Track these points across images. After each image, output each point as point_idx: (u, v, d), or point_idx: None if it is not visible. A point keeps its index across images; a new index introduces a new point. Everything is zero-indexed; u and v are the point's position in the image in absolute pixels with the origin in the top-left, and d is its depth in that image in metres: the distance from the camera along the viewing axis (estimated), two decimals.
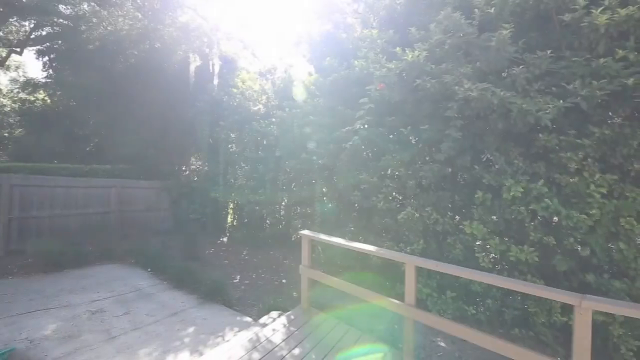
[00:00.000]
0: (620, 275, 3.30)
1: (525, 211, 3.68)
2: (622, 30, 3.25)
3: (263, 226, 8.33)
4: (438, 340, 4.09)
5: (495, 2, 3.79)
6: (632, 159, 3.22)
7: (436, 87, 3.81)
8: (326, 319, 3.62)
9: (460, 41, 3.97)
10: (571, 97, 3.20)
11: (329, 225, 6.66)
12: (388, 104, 4.54)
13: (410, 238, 4.84)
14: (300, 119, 6.27)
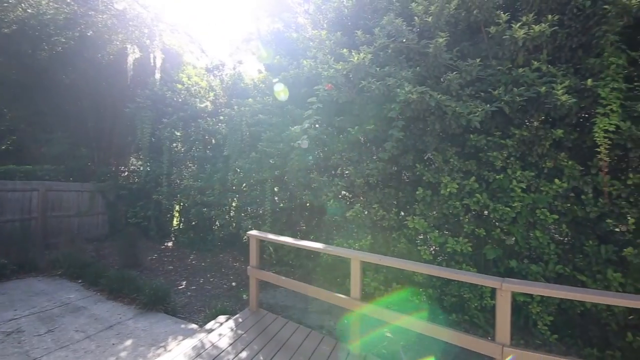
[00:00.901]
0: (536, 259, 3.74)
1: (460, 206, 4.01)
2: (536, 44, 3.69)
3: (212, 228, 8.00)
4: (385, 331, 4.27)
5: (432, 11, 4.06)
6: (545, 157, 3.67)
7: (380, 89, 3.98)
8: (276, 319, 3.58)
9: (402, 46, 4.19)
10: (496, 102, 3.56)
11: (281, 225, 6.60)
12: (336, 104, 4.63)
13: (359, 234, 5.00)
14: (250, 117, 6.13)
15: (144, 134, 8.09)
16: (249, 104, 6.42)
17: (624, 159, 3.37)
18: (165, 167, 7.84)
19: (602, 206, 3.45)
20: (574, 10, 3.63)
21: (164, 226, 8.62)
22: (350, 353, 2.85)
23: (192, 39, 13.40)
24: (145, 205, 8.25)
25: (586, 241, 3.59)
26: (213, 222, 7.91)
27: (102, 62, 8.90)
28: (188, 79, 8.31)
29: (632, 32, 3.50)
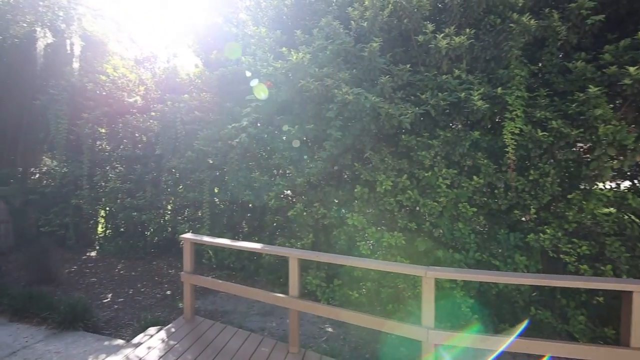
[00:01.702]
0: (459, 248, 4.14)
1: (394, 202, 4.25)
2: (457, 54, 4.07)
3: (144, 234, 7.35)
4: (326, 326, 4.35)
5: (367, 17, 4.25)
6: (466, 156, 4.07)
7: (319, 89, 4.04)
8: (213, 325, 3.42)
9: (340, 48, 4.31)
10: (424, 105, 3.85)
11: (221, 227, 6.34)
12: (276, 102, 4.59)
13: (301, 233, 5.02)
14: (185, 114, 5.78)
15: (60, 131, 7.11)
16: (184, 100, 6.05)
17: (527, 157, 3.88)
18: (87, 168, 6.99)
19: (510, 199, 3.94)
20: (487, 26, 4.10)
21: (85, 234, 7.68)
22: (290, 352, 2.84)
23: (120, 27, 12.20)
24: (61, 211, 7.25)
25: (499, 230, 4.08)
26: (145, 227, 7.28)
27: (4, 45, 7.64)
28: (114, 70, 7.53)
29: (533, 49, 4.07)
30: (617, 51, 3.45)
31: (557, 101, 3.73)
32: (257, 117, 4.50)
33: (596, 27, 3.82)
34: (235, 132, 4.68)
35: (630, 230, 3.58)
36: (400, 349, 3.84)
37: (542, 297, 4.07)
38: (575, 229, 3.67)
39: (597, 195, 3.60)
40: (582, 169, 3.65)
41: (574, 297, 3.84)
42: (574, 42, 3.91)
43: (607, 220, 3.56)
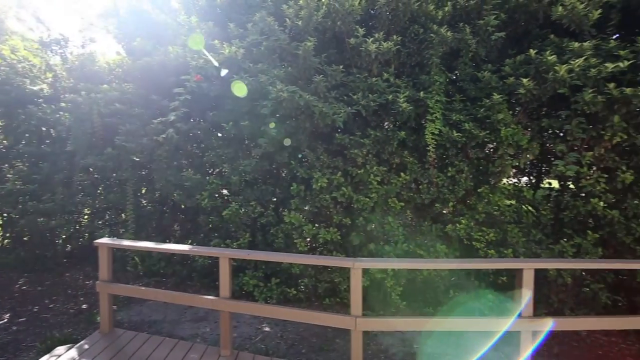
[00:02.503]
0: (389, 241, 4.41)
1: (330, 199, 4.37)
2: (386, 58, 4.33)
3: (54, 242, 6.43)
4: (263, 326, 4.29)
5: (302, 16, 4.28)
6: (394, 155, 4.35)
7: (253, 85, 3.96)
8: (135, 336, 3.13)
9: (275, 45, 4.27)
10: (356, 105, 4.02)
11: (150, 231, 5.86)
12: (208, 97, 4.38)
13: (238, 233, 4.87)
14: (104, 106, 5.19)
15: None
16: (103, 90, 5.42)
17: (446, 156, 4.30)
18: None
19: (433, 194, 4.32)
20: (412, 35, 4.43)
21: None
22: (221, 355, 2.74)
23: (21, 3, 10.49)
24: None
25: (423, 222, 4.45)
26: (55, 235, 6.38)
27: None
28: (12, 52, 6.42)
29: (450, 58, 4.51)
30: (515, 65, 4.00)
31: (469, 106, 4.19)
32: (186, 111, 4.23)
33: (499, 43, 4.38)
34: (162, 127, 4.35)
35: (526, 219, 4.19)
36: (336, 341, 3.96)
37: (460, 281, 4.54)
38: (484, 219, 4.17)
39: (501, 189, 4.14)
40: (489, 166, 4.17)
41: (484, 279, 4.37)
42: (482, 54, 4.43)
43: (509, 210, 4.12)
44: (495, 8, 4.28)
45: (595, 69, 3.39)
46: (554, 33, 4.04)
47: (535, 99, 3.83)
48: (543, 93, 3.70)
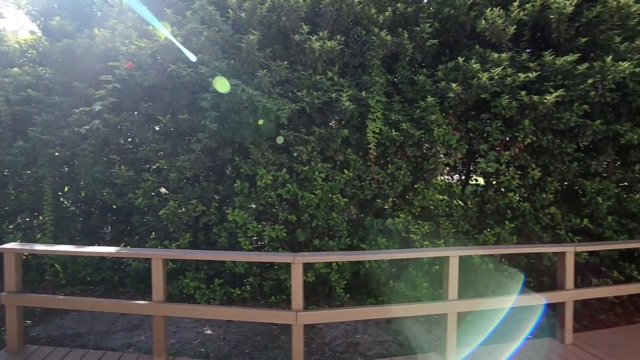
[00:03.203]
0: (334, 236, 4.52)
1: (275, 195, 4.33)
2: (330, 57, 4.40)
3: None
4: (205, 329, 4.11)
5: (245, 8, 4.16)
6: (338, 152, 4.45)
7: (192, 76, 3.76)
8: (52, 352, 2.78)
9: (217, 36, 4.10)
10: (300, 102, 4.03)
11: (74, 234, 5.25)
12: (142, 87, 4.05)
13: (178, 233, 4.60)
14: (14, 92, 4.50)
15: None
16: (13, 74, 4.70)
17: (386, 153, 4.52)
18: None
19: (374, 190, 4.52)
20: (355, 36, 4.56)
21: None
22: None
23: None
24: None
25: (366, 217, 4.63)
26: None
27: None
28: None
29: (390, 61, 4.74)
30: (446, 70, 4.34)
31: (407, 107, 4.46)
32: (116, 102, 3.86)
33: (434, 50, 4.72)
34: (87, 118, 3.92)
35: (456, 212, 4.58)
36: (281, 337, 3.95)
37: (399, 272, 4.82)
38: (420, 213, 4.48)
39: (434, 185, 4.47)
40: (424, 164, 4.48)
41: (420, 269, 4.69)
42: (419, 59, 4.74)
43: (441, 204, 4.47)
44: (430, 17, 4.61)
45: (510, 78, 3.83)
46: (479, 44, 4.47)
47: (463, 103, 4.20)
48: (469, 97, 4.08)
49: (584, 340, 3.06)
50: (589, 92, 3.78)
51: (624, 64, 3.52)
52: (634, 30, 3.85)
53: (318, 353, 3.63)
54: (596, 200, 4.18)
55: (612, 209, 4.28)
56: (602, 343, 3.01)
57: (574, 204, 4.53)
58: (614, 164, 4.48)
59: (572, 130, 4.17)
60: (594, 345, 2.97)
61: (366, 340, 3.91)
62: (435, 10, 4.68)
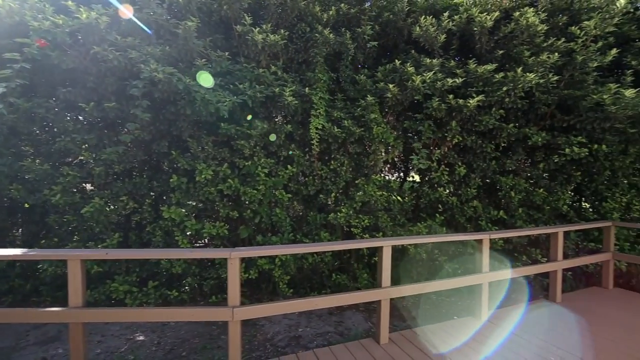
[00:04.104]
0: (277, 232, 4.50)
1: (215, 191, 4.17)
2: (274, 51, 4.36)
3: None
4: (137, 335, 3.83)
5: None
6: (282, 147, 4.44)
7: (121, 60, 3.44)
8: None
9: (150, 19, 3.80)
10: (242, 95, 3.93)
11: None
12: (59, 69, 3.61)
13: (106, 233, 4.20)
14: None
15: None
16: None
17: (329, 150, 4.62)
18: None
19: (318, 185, 4.59)
20: (299, 32, 4.58)
21: None
22: None
23: None
24: None
25: (309, 213, 4.69)
26: None
27: None
28: None
29: (333, 59, 4.84)
30: (385, 72, 4.57)
31: (349, 105, 4.60)
32: (26, 84, 3.37)
33: (375, 51, 4.94)
34: None
35: (393, 206, 4.86)
36: (221, 337, 3.83)
37: (342, 265, 4.98)
38: (361, 207, 4.66)
39: (374, 181, 4.68)
40: (365, 160, 4.67)
41: (361, 261, 4.90)
42: (361, 60, 4.92)
43: (380, 199, 4.71)
44: (371, 19, 4.81)
45: (440, 82, 4.16)
46: (415, 49, 4.78)
47: (400, 103, 4.47)
48: (405, 98, 4.35)
49: (498, 317, 3.48)
50: (504, 99, 4.28)
51: (531, 75, 4.04)
52: (539, 46, 4.44)
53: (259, 349, 3.60)
54: (510, 195, 4.76)
55: (522, 202, 4.91)
56: (512, 319, 3.45)
57: (493, 197, 5.10)
58: (524, 163, 5.13)
59: (491, 132, 4.69)
60: (506, 321, 3.39)
61: (308, 333, 3.97)
62: (376, 14, 4.90)
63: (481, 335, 3.07)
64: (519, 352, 2.78)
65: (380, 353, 2.70)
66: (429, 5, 4.85)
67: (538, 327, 3.25)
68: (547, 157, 4.85)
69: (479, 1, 4.57)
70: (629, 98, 4.12)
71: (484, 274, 3.32)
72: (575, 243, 4.96)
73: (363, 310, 4.60)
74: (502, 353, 2.77)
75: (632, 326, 3.30)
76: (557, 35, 4.51)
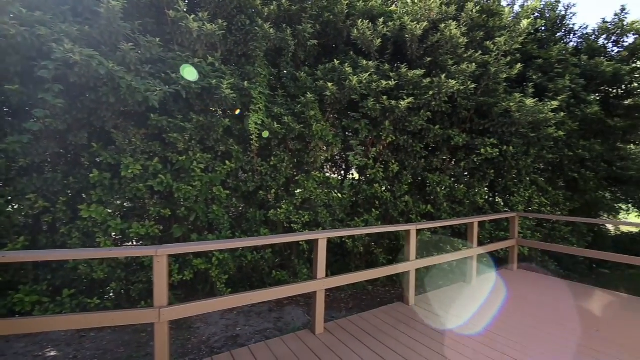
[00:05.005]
0: (214, 230, 4.34)
1: (145, 188, 3.86)
2: (212, 42, 4.19)
3: None
4: (48, 350, 3.39)
5: None
6: (220, 142, 4.28)
7: (26, 36, 3.00)
8: None
9: None
10: (175, 85, 3.70)
11: None
12: None
13: (7, 237, 3.63)
14: None
15: None
16: None
17: (269, 146, 4.58)
18: None
19: (257, 182, 4.53)
20: (239, 24, 4.46)
21: None
22: None
23: None
24: None
25: (249, 209, 4.61)
26: None
27: None
28: None
29: (274, 55, 4.82)
30: (325, 71, 4.69)
31: (289, 101, 4.62)
32: None
33: (316, 50, 5.03)
34: None
35: (331, 202, 5.00)
36: (150, 344, 3.57)
37: (283, 262, 4.98)
38: (301, 203, 4.72)
39: (314, 178, 4.77)
40: (305, 157, 4.73)
41: (302, 257, 4.95)
42: (302, 57, 4.98)
43: (320, 195, 4.81)
44: (312, 18, 4.89)
45: (375, 84, 4.40)
46: (354, 51, 4.99)
47: (338, 102, 4.62)
48: (343, 97, 4.52)
49: (423, 301, 3.81)
50: (430, 102, 4.69)
51: (453, 82, 4.49)
52: (461, 56, 4.95)
53: (193, 352, 3.44)
54: (436, 190, 5.22)
55: (447, 196, 5.42)
56: (437, 300, 3.80)
57: (422, 193, 5.55)
58: (448, 162, 5.67)
59: (420, 132, 5.10)
60: (429, 304, 3.73)
61: (246, 331, 3.90)
62: (317, 13, 4.99)
63: (408, 319, 3.33)
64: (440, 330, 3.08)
65: (316, 342, 2.77)
66: (367, 10, 5.09)
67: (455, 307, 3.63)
68: (467, 157, 5.43)
69: (411, 10, 4.93)
70: (529, 106, 4.81)
71: (411, 262, 3.60)
72: (490, 233, 5.63)
73: (303, 305, 4.66)
74: (424, 332, 3.05)
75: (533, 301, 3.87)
76: (475, 48, 5.07)
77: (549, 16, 6.79)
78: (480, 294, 4.10)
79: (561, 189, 6.47)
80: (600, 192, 7.15)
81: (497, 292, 4.18)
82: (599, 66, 5.95)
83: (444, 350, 2.73)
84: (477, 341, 2.89)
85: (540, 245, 5.21)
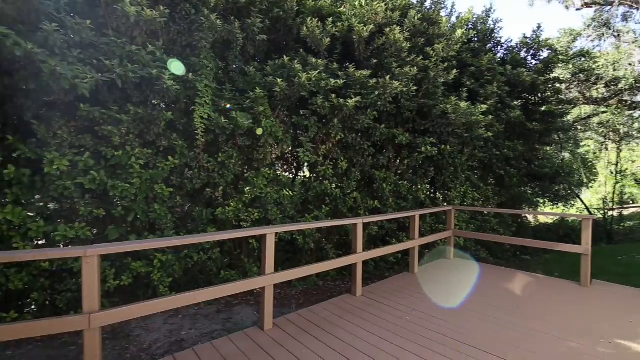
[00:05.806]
0: (156, 230, 4.08)
1: (73, 186, 3.50)
2: (153, 29, 3.93)
3: None
4: None
5: None
6: (162, 137, 4.04)
7: None
8: None
9: None
10: (109, 73, 3.40)
11: None
12: None
13: None
14: None
15: None
16: None
17: (216, 141, 4.43)
18: None
19: (204, 179, 4.35)
20: (183, 12, 4.23)
21: None
22: None
23: None
24: None
25: (195, 208, 4.41)
26: None
27: None
28: None
29: (222, 47, 4.67)
30: (275, 67, 4.66)
31: (238, 96, 4.51)
32: None
33: (266, 46, 4.98)
34: None
35: (284, 200, 4.99)
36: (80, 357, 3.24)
37: (233, 261, 4.85)
38: (250, 201, 4.63)
39: (264, 175, 4.72)
40: (254, 154, 4.66)
41: (251, 255, 4.86)
42: (251, 52, 4.88)
43: (271, 193, 4.77)
44: (262, 13, 4.82)
45: (324, 82, 4.49)
46: (303, 48, 5.02)
47: (288, 98, 4.63)
48: (292, 94, 4.53)
49: (369, 291, 3.98)
50: (376, 102, 4.91)
51: (397, 84, 4.75)
52: (404, 60, 5.25)
53: None
54: (382, 186, 5.48)
55: (392, 192, 5.72)
56: (382, 290, 4.00)
57: (369, 189, 5.79)
58: (394, 159, 5.99)
59: (368, 131, 5.31)
60: (375, 294, 3.91)
61: (192, 335, 3.73)
62: (267, 8, 4.93)
63: (355, 308, 3.46)
64: (384, 317, 3.25)
65: (264, 339, 2.75)
66: (317, 9, 5.16)
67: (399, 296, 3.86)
68: (410, 155, 5.78)
69: (359, 13, 5.11)
70: (464, 109, 5.27)
71: (358, 255, 3.75)
72: (431, 226, 6.07)
73: (254, 304, 4.58)
74: (370, 319, 3.19)
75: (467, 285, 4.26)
76: (417, 53, 5.42)
77: (480, 28, 7.49)
78: (421, 282, 4.40)
79: (491, 185, 7.21)
80: (523, 187, 8.10)
81: (436, 280, 4.53)
82: (520, 76, 6.73)
83: (387, 335, 2.89)
84: (417, 325, 3.11)
85: (473, 235, 5.75)
